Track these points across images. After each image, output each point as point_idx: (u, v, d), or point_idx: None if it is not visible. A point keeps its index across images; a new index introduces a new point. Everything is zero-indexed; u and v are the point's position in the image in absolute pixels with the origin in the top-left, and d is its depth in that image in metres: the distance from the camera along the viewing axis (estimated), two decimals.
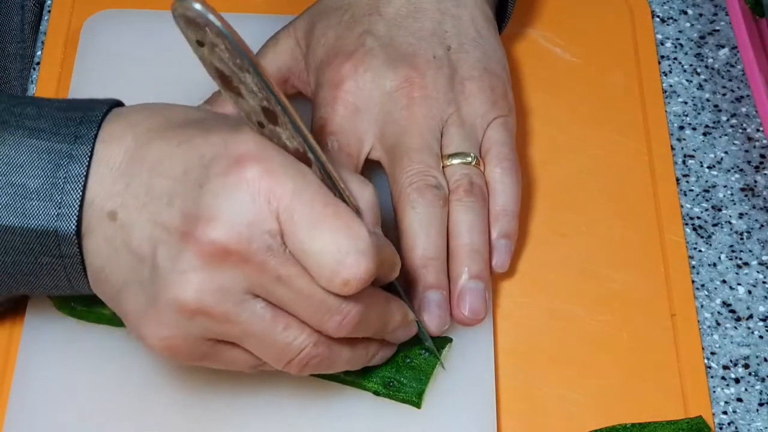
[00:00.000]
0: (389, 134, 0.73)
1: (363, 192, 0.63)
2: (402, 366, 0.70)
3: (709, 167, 0.84)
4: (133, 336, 0.63)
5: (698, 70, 0.88)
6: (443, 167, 0.73)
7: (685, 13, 0.92)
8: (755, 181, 0.83)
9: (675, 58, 0.89)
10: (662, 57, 0.89)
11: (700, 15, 0.91)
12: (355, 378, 0.70)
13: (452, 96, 0.75)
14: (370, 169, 0.76)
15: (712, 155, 0.84)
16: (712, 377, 0.75)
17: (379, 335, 0.67)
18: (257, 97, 0.58)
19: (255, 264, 0.59)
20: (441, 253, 0.71)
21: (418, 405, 0.70)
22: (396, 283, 0.68)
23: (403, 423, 0.70)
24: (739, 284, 0.79)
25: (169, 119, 0.64)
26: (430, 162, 0.73)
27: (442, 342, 0.72)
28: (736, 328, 0.77)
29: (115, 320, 0.69)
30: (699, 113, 0.86)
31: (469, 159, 0.74)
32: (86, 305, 0.71)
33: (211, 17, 0.54)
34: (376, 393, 0.70)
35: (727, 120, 0.86)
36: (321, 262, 0.59)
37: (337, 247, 0.59)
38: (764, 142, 0.85)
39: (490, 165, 0.75)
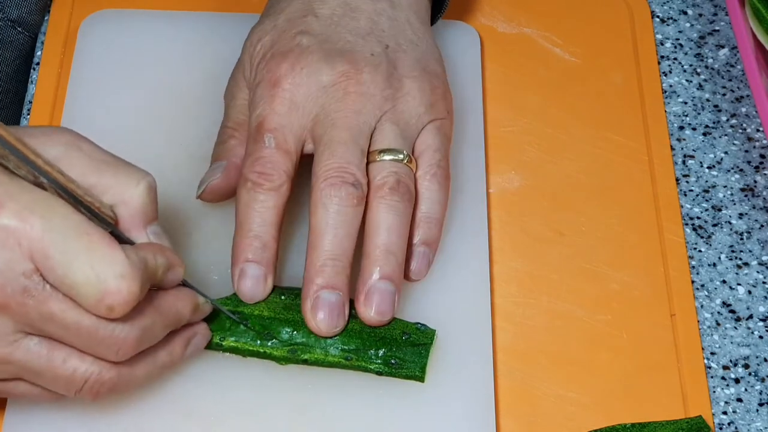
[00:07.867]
0: (319, 127, 0.72)
1: (132, 192, 0.64)
2: (401, 343, 0.71)
3: (709, 167, 0.84)
4: None
5: (698, 70, 0.88)
6: (371, 162, 0.72)
7: (685, 13, 0.91)
8: (755, 181, 0.83)
9: (675, 58, 0.89)
10: (662, 57, 0.89)
11: (700, 15, 0.91)
12: (357, 362, 0.70)
13: (390, 93, 0.74)
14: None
15: (712, 155, 0.84)
16: (712, 377, 0.75)
17: (172, 329, 0.67)
18: None
19: (15, 307, 0.60)
20: (344, 254, 0.70)
21: (421, 379, 0.71)
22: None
23: (403, 423, 0.70)
24: (739, 284, 0.79)
25: None
26: (352, 158, 0.71)
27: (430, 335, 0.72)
28: (736, 328, 0.77)
29: None
30: (699, 113, 0.86)
31: (401, 156, 0.72)
32: None
33: None
34: (379, 373, 0.71)
35: (727, 120, 0.86)
36: (83, 293, 0.60)
37: (96, 275, 0.59)
38: (764, 142, 0.85)
39: (420, 170, 0.73)
